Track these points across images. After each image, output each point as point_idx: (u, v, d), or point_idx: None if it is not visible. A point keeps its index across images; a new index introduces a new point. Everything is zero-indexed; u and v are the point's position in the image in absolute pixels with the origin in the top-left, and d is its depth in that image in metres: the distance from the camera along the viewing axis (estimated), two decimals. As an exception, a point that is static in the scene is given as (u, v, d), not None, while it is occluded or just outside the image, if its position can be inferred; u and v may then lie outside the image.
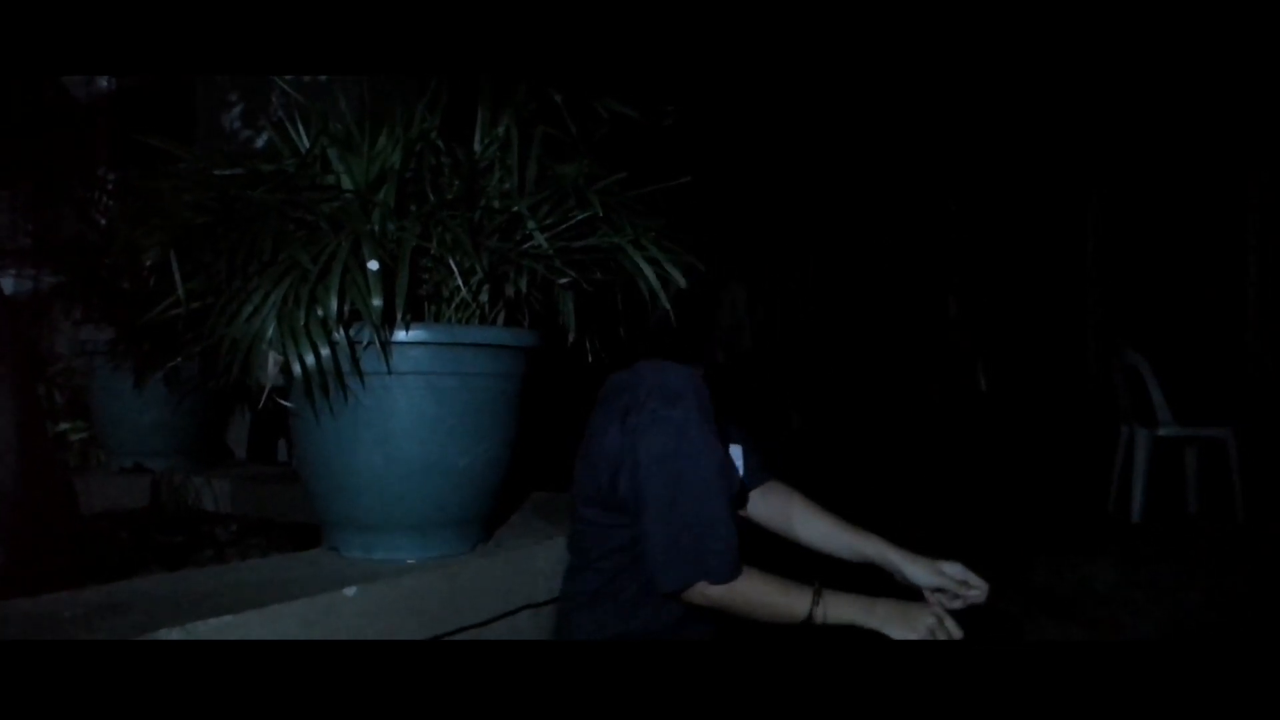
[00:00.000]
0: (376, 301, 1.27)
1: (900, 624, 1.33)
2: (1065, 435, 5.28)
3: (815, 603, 1.34)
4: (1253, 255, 5.13)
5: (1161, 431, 4.15)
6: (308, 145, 1.45)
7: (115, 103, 3.90)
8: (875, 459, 4.91)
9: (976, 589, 1.48)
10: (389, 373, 1.39)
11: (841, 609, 1.34)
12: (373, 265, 1.26)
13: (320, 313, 1.28)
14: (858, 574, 1.56)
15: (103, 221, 2.30)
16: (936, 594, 1.49)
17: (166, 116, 3.69)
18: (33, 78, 3.62)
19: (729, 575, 1.35)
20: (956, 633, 1.34)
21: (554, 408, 1.64)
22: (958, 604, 1.48)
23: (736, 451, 1.60)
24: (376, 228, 1.35)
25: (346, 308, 1.29)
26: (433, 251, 1.40)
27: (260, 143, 3.44)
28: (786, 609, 1.35)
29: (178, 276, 1.38)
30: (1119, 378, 4.41)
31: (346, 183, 1.40)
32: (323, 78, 3.17)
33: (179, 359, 1.63)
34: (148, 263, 1.40)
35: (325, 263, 1.27)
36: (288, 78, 3.12)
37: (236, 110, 3.56)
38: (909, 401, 5.52)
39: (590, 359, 1.53)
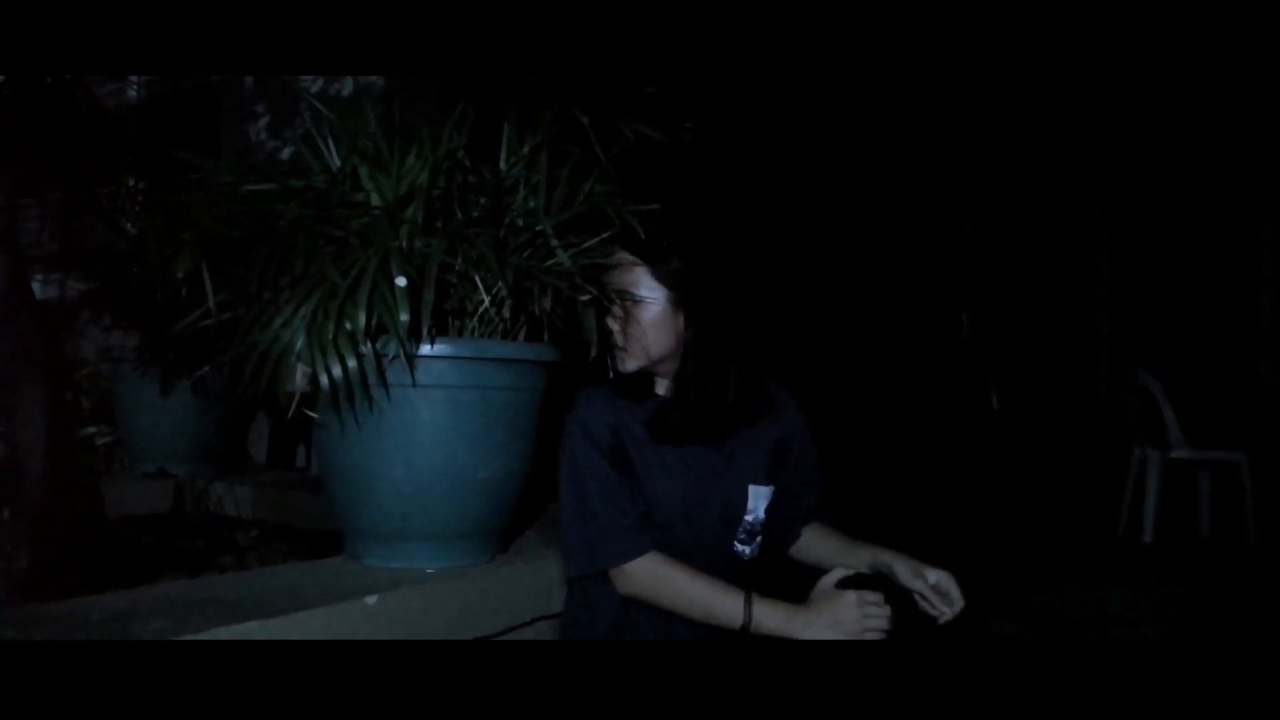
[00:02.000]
0: (404, 316, 1.30)
1: (829, 627, 1.34)
2: (1077, 455, 5.27)
3: (748, 611, 1.37)
4: (1266, 278, 5.12)
5: (1174, 454, 4.14)
6: (338, 162, 1.49)
7: (143, 113, 3.96)
8: (884, 477, 4.91)
9: (949, 607, 1.45)
10: (413, 385, 1.42)
11: (768, 616, 1.37)
12: (400, 281, 1.30)
13: (348, 326, 1.31)
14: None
15: (132, 231, 2.35)
16: (921, 599, 1.48)
17: (193, 127, 3.75)
18: (63, 86, 3.68)
19: (615, 558, 1.45)
20: (879, 618, 1.35)
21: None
22: (946, 615, 1.45)
23: (763, 492, 1.60)
24: (404, 244, 1.38)
25: (374, 322, 1.32)
26: (458, 268, 1.43)
27: (285, 154, 3.49)
28: (718, 610, 1.40)
29: (209, 288, 1.41)
30: (1131, 399, 4.41)
31: (375, 199, 1.44)
32: (347, 92, 3.23)
33: (207, 368, 1.66)
34: (179, 274, 1.44)
35: (354, 278, 1.30)
36: (314, 92, 3.18)
37: (263, 122, 3.62)
38: (920, 419, 5.52)
39: (611, 375, 1.56)
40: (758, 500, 1.59)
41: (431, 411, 1.45)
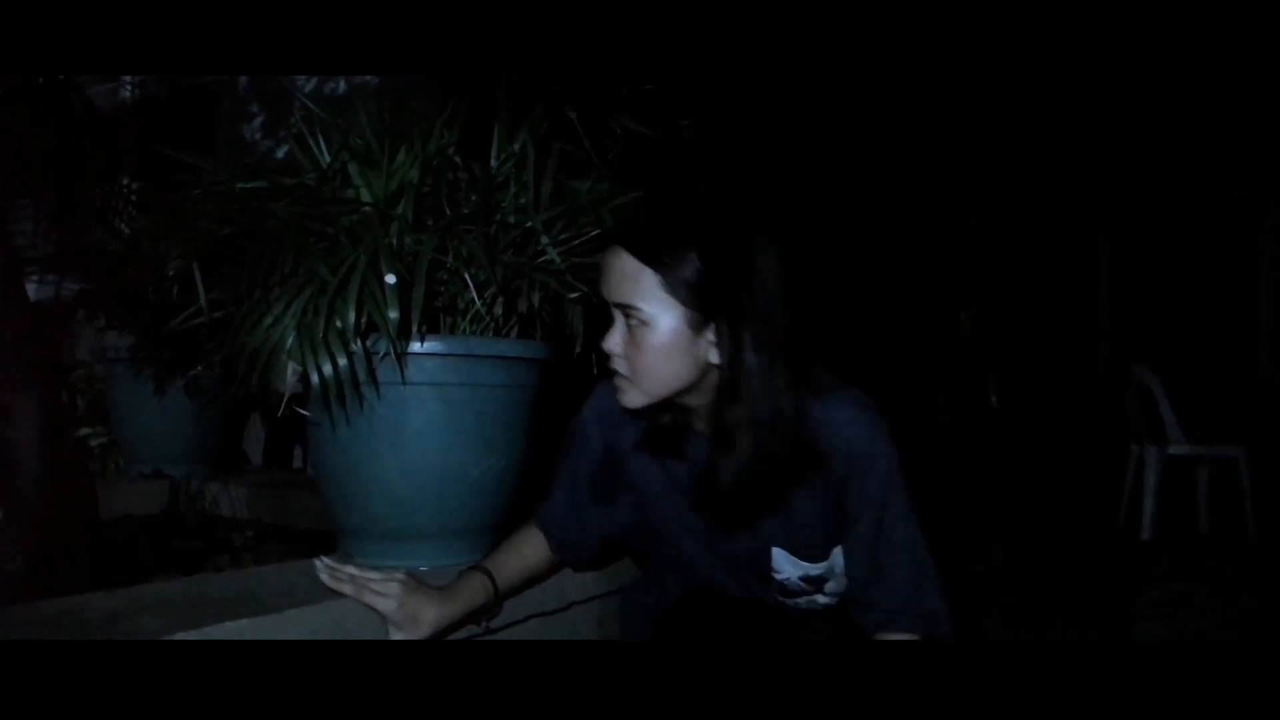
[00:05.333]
0: (393, 314, 1.30)
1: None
2: (1076, 452, 5.28)
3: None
4: (1266, 274, 5.12)
5: (1172, 450, 4.15)
6: (328, 160, 1.49)
7: (138, 113, 3.96)
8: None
9: None
10: (404, 383, 1.42)
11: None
12: (390, 279, 1.30)
13: (339, 324, 1.31)
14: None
15: (126, 231, 2.35)
16: None
17: (189, 127, 3.75)
18: (57, 87, 3.68)
19: (535, 518, 1.46)
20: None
21: (566, 420, 1.67)
22: None
23: (794, 561, 1.31)
24: (394, 241, 1.38)
25: (364, 319, 1.32)
26: (449, 265, 1.43)
27: (280, 154, 3.49)
28: None
29: (200, 287, 1.42)
30: (1130, 396, 4.41)
31: (365, 196, 1.44)
32: (341, 90, 3.22)
33: (199, 367, 1.66)
34: (171, 273, 1.44)
35: (344, 275, 1.30)
36: (308, 91, 3.18)
37: (257, 122, 3.61)
38: (919, 416, 5.52)
39: (595, 372, 1.54)
40: (787, 565, 1.31)
41: (423, 409, 1.45)
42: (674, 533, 1.38)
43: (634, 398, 1.21)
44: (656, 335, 1.15)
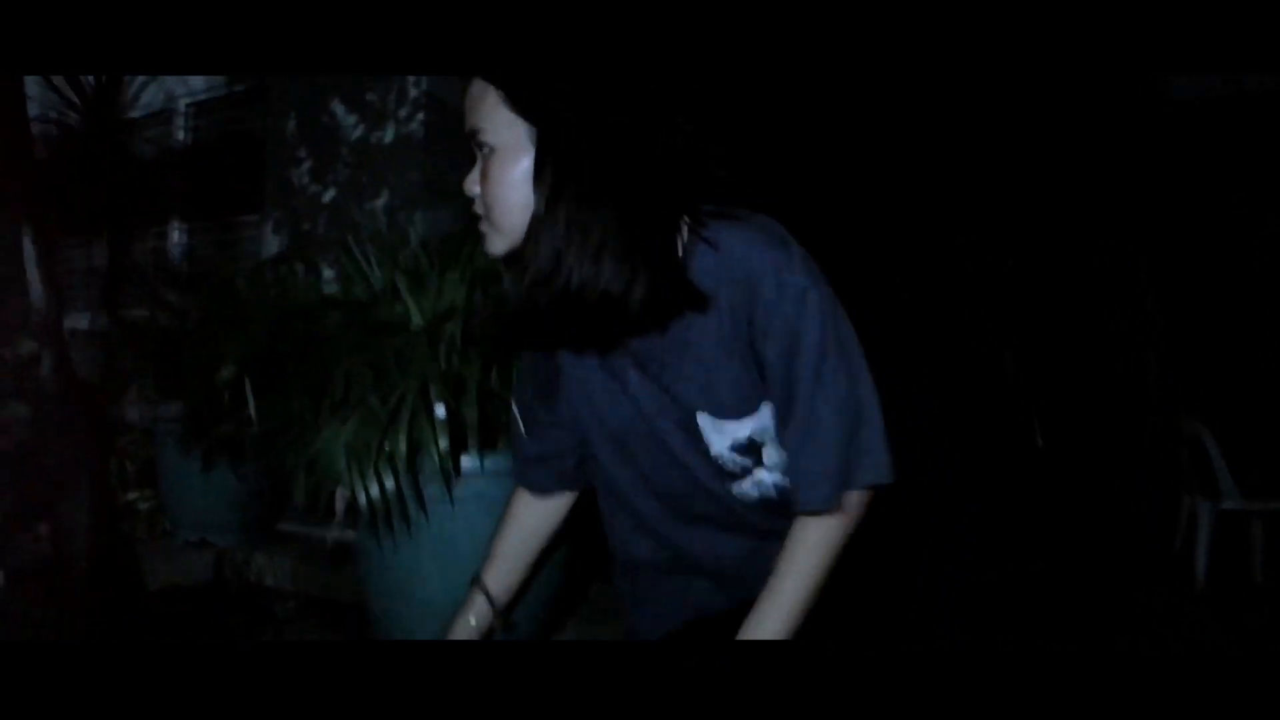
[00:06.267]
0: (443, 443, 1.30)
1: None
2: (1126, 499, 5.17)
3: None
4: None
5: (1225, 504, 4.04)
6: (379, 276, 1.49)
7: (187, 156, 4.02)
8: (924, 515, 4.85)
9: None
10: (450, 501, 1.42)
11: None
12: (440, 412, 1.30)
13: (388, 448, 1.31)
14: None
15: (174, 302, 2.37)
16: None
17: (236, 171, 3.79)
18: (110, 127, 3.75)
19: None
20: None
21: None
22: None
23: (721, 425, 1.10)
24: (443, 365, 1.38)
25: (413, 444, 1.32)
26: (494, 386, 1.43)
27: (327, 198, 3.52)
28: None
29: (251, 401, 1.43)
30: (1181, 447, 4.32)
31: (416, 318, 1.44)
32: (388, 139, 3.25)
33: (251, 467, 1.67)
34: (222, 384, 1.45)
35: (394, 405, 1.31)
36: (355, 139, 3.20)
37: (305, 166, 3.65)
38: (935, 413, 5.43)
39: None
40: (713, 433, 1.09)
41: (468, 524, 1.45)
42: (607, 411, 1.14)
43: (495, 242, 1.06)
44: (502, 161, 1.02)
